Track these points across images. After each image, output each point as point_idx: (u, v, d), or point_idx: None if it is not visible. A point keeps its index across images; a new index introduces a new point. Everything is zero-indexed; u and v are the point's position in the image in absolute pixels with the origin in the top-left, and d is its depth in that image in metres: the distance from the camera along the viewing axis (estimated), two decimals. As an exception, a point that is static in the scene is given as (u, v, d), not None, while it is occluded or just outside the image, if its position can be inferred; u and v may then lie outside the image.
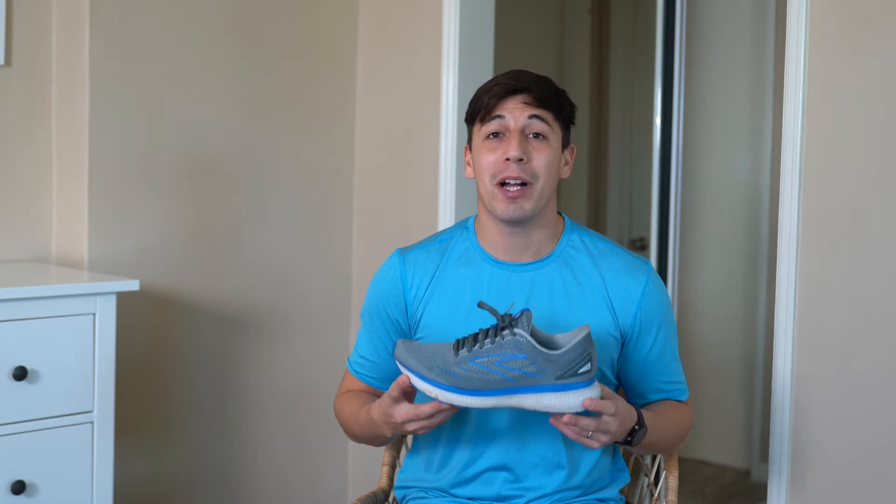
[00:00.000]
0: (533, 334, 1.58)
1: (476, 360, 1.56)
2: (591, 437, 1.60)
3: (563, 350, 1.55)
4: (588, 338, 1.56)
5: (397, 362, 1.62)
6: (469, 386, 1.56)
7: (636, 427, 1.68)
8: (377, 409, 1.71)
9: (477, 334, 1.59)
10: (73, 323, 2.21)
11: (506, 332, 1.56)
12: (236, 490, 2.91)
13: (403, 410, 1.64)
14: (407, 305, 1.84)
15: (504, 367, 1.55)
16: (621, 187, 4.40)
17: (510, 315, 1.59)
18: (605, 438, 1.61)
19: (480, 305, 1.61)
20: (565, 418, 1.56)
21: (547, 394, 1.56)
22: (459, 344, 1.59)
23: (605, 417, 1.59)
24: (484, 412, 1.78)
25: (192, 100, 2.74)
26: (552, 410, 1.57)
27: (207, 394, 2.83)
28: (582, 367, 1.56)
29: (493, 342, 1.57)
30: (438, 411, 1.61)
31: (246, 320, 2.89)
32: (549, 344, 1.59)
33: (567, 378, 1.55)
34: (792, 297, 2.19)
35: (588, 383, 1.57)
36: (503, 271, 1.80)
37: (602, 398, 1.60)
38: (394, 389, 1.63)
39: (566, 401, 1.56)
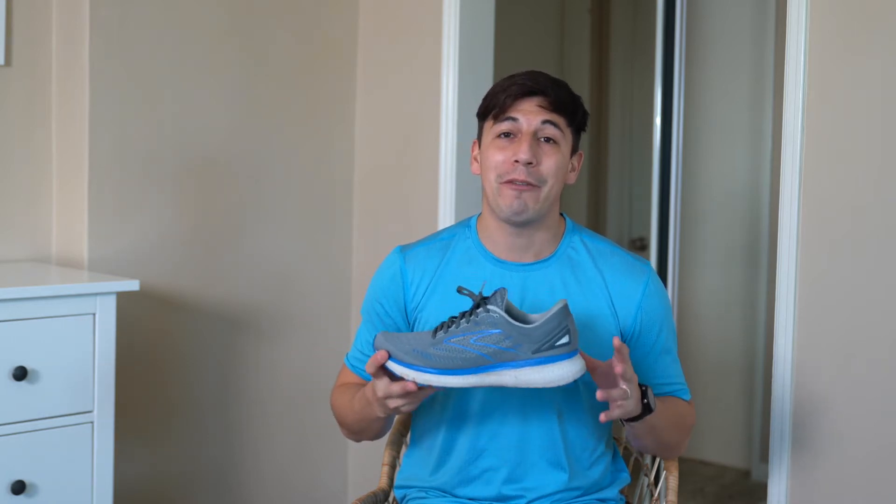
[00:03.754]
0: (509, 311, 1.57)
1: (452, 340, 1.56)
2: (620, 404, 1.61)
3: (537, 323, 1.55)
4: (564, 310, 1.55)
5: (377, 350, 1.61)
6: (446, 366, 1.56)
7: (644, 401, 1.68)
8: (370, 386, 1.70)
9: (455, 317, 1.60)
10: (73, 323, 2.21)
11: (479, 309, 1.56)
12: (236, 490, 2.91)
13: (382, 385, 1.63)
14: (406, 303, 1.84)
15: (479, 343, 1.55)
16: (621, 187, 4.40)
17: (482, 294, 1.59)
18: (629, 406, 1.62)
19: (459, 290, 1.61)
20: (618, 369, 1.57)
21: (525, 368, 1.55)
22: (438, 328, 1.59)
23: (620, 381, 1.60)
24: (482, 411, 1.78)
25: (192, 100, 2.74)
26: (532, 385, 1.56)
27: (207, 394, 2.83)
28: (559, 339, 1.55)
29: (468, 321, 1.56)
30: (407, 391, 1.60)
31: (246, 320, 2.89)
32: (524, 320, 1.58)
33: (545, 351, 1.55)
34: (792, 297, 2.19)
35: (568, 356, 1.56)
36: (505, 271, 1.80)
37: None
38: (370, 367, 1.61)
39: (546, 374, 1.55)
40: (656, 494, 1.96)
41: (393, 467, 2.04)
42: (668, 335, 1.83)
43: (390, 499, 2.01)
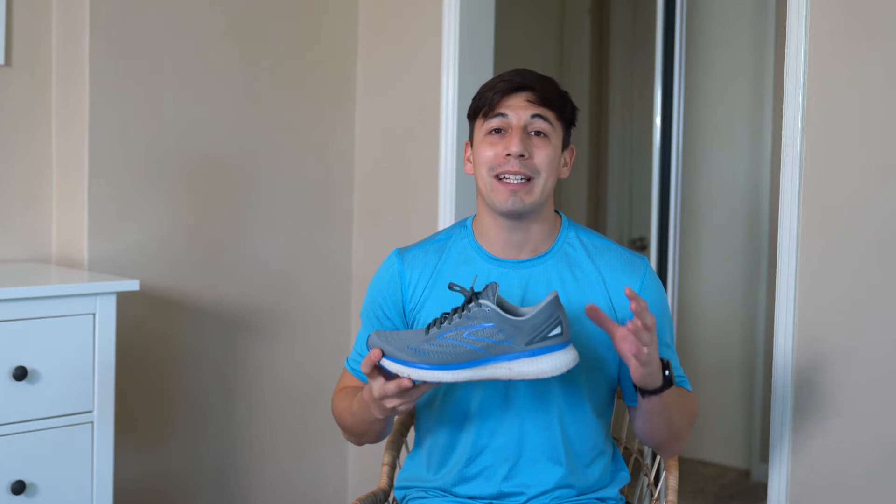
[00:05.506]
0: (500, 305, 1.58)
1: (445, 336, 1.56)
2: (647, 351, 1.57)
3: (529, 315, 1.55)
4: (555, 302, 1.56)
5: (370, 350, 1.60)
6: (440, 361, 1.56)
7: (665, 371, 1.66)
8: (367, 388, 1.71)
9: (447, 313, 1.60)
10: (73, 323, 2.21)
11: (471, 304, 1.57)
12: (236, 490, 2.91)
13: (377, 385, 1.62)
14: (405, 305, 1.84)
15: (472, 338, 1.55)
16: (621, 187, 4.40)
17: (473, 289, 1.59)
18: (654, 353, 1.59)
19: (450, 287, 1.62)
20: (629, 325, 1.53)
21: (518, 360, 1.56)
22: (431, 325, 1.60)
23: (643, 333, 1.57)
24: (482, 409, 1.78)
25: (192, 100, 2.74)
26: (526, 377, 1.57)
27: (207, 394, 2.83)
28: (552, 330, 1.55)
29: (460, 317, 1.57)
30: (402, 389, 1.59)
31: (246, 320, 2.89)
32: (516, 313, 1.59)
33: (537, 343, 1.55)
34: (792, 296, 2.19)
35: (561, 346, 1.57)
36: (501, 269, 1.80)
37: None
38: (364, 366, 1.61)
39: (540, 366, 1.56)
40: (656, 494, 1.96)
41: (393, 467, 2.04)
42: (667, 329, 1.84)
43: (390, 499, 2.01)
